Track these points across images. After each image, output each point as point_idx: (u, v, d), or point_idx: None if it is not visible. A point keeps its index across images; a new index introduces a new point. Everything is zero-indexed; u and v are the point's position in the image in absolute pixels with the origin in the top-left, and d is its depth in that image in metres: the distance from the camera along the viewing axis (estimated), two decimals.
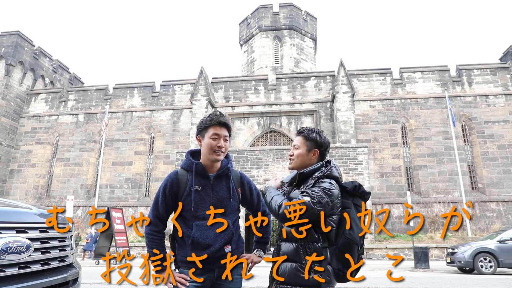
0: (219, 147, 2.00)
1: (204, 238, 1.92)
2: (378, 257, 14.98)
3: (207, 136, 2.02)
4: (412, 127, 19.86)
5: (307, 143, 2.03)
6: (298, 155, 2.03)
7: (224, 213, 2.00)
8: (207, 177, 2.03)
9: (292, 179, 2.11)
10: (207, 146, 2.01)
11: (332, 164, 1.99)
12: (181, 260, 1.96)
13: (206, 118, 2.07)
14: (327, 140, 2.09)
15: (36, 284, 1.81)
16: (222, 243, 1.96)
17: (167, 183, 2.02)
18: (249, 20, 29.43)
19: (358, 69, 21.56)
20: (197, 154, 2.11)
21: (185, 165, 2.08)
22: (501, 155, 18.76)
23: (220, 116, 2.05)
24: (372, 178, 18.58)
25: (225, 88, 22.67)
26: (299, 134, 2.09)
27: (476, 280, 8.54)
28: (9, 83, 23.12)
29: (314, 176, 1.93)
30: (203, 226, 1.95)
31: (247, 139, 21.70)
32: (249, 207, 2.26)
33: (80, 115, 23.39)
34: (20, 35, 23.66)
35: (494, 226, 16.90)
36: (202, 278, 1.91)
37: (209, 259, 1.91)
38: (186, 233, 1.95)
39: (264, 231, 2.21)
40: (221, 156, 2.03)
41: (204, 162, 2.05)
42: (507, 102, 19.72)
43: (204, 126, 2.04)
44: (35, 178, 22.26)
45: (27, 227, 1.93)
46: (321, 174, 1.92)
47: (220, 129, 2.03)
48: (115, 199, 20.77)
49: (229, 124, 2.11)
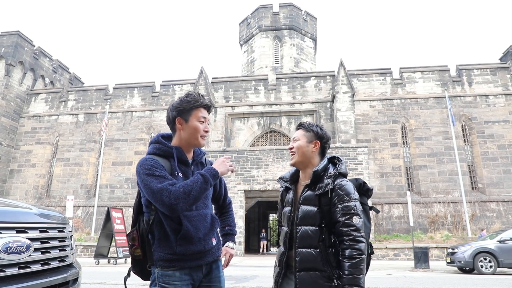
0: (206, 131, 1.86)
1: (195, 231, 1.72)
2: (378, 257, 14.99)
3: (194, 119, 1.83)
4: (412, 127, 19.87)
5: (307, 134, 1.97)
6: (298, 147, 1.94)
7: (206, 204, 1.85)
8: (187, 164, 1.85)
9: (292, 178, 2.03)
10: (194, 130, 1.83)
11: (341, 160, 1.94)
12: (164, 258, 1.69)
13: (188, 99, 1.85)
14: (328, 134, 2.02)
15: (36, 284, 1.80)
16: (210, 236, 1.81)
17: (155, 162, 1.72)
18: (249, 20, 29.44)
19: (358, 69, 21.57)
20: (167, 139, 1.91)
21: (160, 150, 1.81)
22: (501, 155, 18.76)
23: (204, 98, 1.89)
24: (372, 178, 18.58)
25: (225, 88, 22.68)
26: (299, 127, 2.04)
27: (476, 280, 8.54)
28: (9, 83, 23.13)
29: (329, 174, 1.85)
30: (192, 217, 1.73)
31: (247, 139, 21.71)
32: (216, 198, 2.09)
33: (80, 115, 23.40)
34: (20, 35, 23.66)
35: (494, 226, 16.90)
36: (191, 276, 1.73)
37: (200, 254, 1.74)
38: (172, 226, 1.70)
39: (232, 222, 2.15)
40: (204, 141, 1.91)
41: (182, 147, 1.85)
42: (507, 102, 19.72)
43: (189, 108, 1.84)
44: (35, 178, 22.27)
45: (27, 227, 1.93)
46: (336, 172, 1.85)
47: (205, 111, 1.88)
48: (115, 199, 20.77)
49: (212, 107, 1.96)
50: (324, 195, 1.79)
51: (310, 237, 1.77)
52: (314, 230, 1.77)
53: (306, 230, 1.79)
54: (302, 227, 1.81)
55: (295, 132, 2.05)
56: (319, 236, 1.75)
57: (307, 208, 1.82)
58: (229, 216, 2.16)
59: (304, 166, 1.96)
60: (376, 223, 17.55)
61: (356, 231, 1.68)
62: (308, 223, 1.79)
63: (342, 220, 1.71)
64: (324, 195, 1.79)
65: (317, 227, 1.77)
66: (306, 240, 1.78)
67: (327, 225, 1.77)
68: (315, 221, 1.78)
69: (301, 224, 1.82)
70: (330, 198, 1.77)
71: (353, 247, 1.66)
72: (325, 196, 1.79)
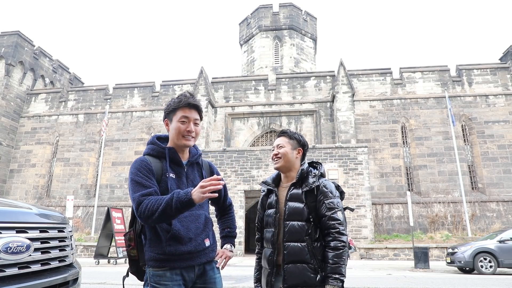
0: (188, 132, 1.83)
1: (185, 231, 1.72)
2: (378, 257, 14.99)
3: (175, 119, 1.83)
4: (412, 127, 19.86)
5: (291, 141, 2.12)
6: (284, 153, 2.07)
7: (200, 204, 1.81)
8: (180, 164, 1.85)
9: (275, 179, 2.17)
10: (175, 131, 1.83)
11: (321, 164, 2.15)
12: (154, 258, 1.70)
13: (174, 99, 1.87)
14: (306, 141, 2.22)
15: (36, 284, 1.81)
16: (203, 237, 1.80)
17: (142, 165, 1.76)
18: (249, 20, 29.44)
19: (358, 69, 21.56)
20: (164, 140, 1.92)
21: (153, 151, 1.83)
22: (501, 155, 18.76)
23: (189, 97, 1.86)
24: (372, 178, 18.58)
25: (225, 88, 22.68)
26: (282, 134, 2.16)
27: (476, 280, 8.54)
28: (9, 83, 23.13)
29: (313, 173, 2.03)
30: (183, 218, 1.74)
31: (247, 139, 21.71)
32: (216, 200, 2.06)
33: (80, 115, 23.39)
34: (20, 35, 23.66)
35: (494, 226, 16.90)
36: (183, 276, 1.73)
37: (191, 254, 1.73)
38: (162, 226, 1.70)
39: (233, 224, 2.13)
40: (191, 142, 1.86)
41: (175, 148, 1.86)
42: (507, 102, 19.72)
43: (172, 109, 1.84)
44: (35, 178, 22.27)
45: (27, 227, 1.93)
46: (319, 172, 2.04)
47: (190, 111, 1.85)
48: (115, 199, 20.77)
49: (200, 106, 1.92)
50: (310, 192, 1.95)
51: (297, 232, 1.89)
52: (301, 224, 1.90)
53: (294, 224, 1.91)
54: (290, 222, 1.93)
55: (278, 139, 2.17)
56: (306, 230, 1.89)
57: (294, 204, 1.95)
58: (229, 218, 2.14)
59: (287, 170, 2.09)
60: (376, 223, 17.55)
61: (340, 224, 1.86)
62: (296, 218, 1.92)
63: (329, 214, 1.88)
64: (310, 192, 1.95)
65: (304, 222, 1.90)
66: (294, 235, 1.90)
67: (314, 221, 1.91)
68: (302, 216, 1.91)
69: (289, 220, 1.93)
70: (316, 195, 1.94)
71: (338, 239, 1.83)
72: (311, 193, 1.95)
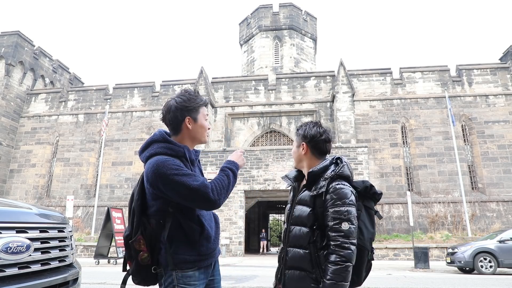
0: (209, 128, 1.92)
1: (211, 230, 1.75)
2: (378, 257, 14.99)
3: (201, 117, 1.85)
4: (412, 127, 19.87)
5: (296, 138, 2.00)
6: (292, 152, 2.00)
7: None
8: (194, 163, 1.84)
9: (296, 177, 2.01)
10: (202, 129, 1.86)
11: (344, 161, 1.85)
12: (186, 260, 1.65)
13: (192, 97, 1.84)
14: (315, 130, 1.91)
15: (36, 284, 1.81)
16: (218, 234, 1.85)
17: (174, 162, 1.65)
18: (249, 20, 29.44)
19: (358, 69, 21.57)
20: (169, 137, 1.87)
21: (171, 150, 1.72)
22: (501, 155, 18.76)
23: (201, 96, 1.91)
24: (372, 178, 18.58)
25: (225, 88, 22.68)
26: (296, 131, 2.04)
27: (476, 280, 8.54)
28: (9, 83, 23.13)
29: (326, 176, 1.79)
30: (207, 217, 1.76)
31: (247, 139, 21.72)
32: None
33: (80, 115, 23.40)
34: (20, 35, 23.66)
35: (494, 226, 16.90)
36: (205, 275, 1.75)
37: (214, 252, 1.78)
38: (193, 227, 1.67)
39: None
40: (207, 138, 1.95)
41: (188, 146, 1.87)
42: (507, 102, 19.72)
43: (198, 106, 1.85)
44: (35, 178, 22.27)
45: (27, 227, 1.93)
46: (333, 174, 1.77)
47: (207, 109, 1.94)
48: (115, 199, 20.77)
49: None
50: (319, 197, 1.75)
51: (300, 237, 1.76)
52: (305, 231, 1.75)
53: (298, 230, 1.78)
54: (295, 227, 1.81)
55: None
56: (309, 238, 1.73)
57: (302, 208, 1.80)
58: None
59: (302, 168, 1.97)
60: (376, 223, 17.52)
61: (343, 237, 1.63)
62: (301, 223, 1.78)
63: (331, 225, 1.67)
64: (319, 197, 1.75)
65: (308, 229, 1.74)
66: (297, 240, 1.77)
67: (320, 227, 1.73)
68: (307, 222, 1.75)
69: (294, 224, 1.81)
70: (324, 200, 1.73)
71: (338, 253, 1.61)
72: (320, 198, 1.75)
